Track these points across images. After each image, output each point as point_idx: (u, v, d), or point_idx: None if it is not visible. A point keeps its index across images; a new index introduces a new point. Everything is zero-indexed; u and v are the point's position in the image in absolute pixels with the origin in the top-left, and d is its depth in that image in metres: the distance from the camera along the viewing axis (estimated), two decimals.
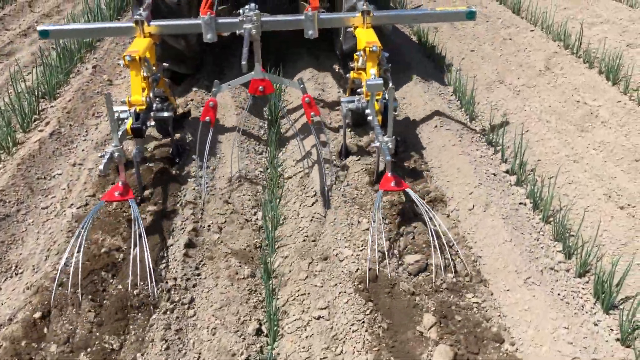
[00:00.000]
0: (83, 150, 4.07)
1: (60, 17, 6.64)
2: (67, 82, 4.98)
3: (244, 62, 3.30)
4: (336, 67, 5.10)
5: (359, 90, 3.63)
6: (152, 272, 2.75)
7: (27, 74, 5.06)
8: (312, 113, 3.53)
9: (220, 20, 3.72)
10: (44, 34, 3.76)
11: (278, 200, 3.56)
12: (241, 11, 3.60)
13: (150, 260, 2.77)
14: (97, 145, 4.08)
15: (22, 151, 3.95)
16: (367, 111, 3.40)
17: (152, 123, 3.56)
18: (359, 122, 3.94)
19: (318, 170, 3.60)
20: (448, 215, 3.35)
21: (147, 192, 3.44)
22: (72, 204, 3.47)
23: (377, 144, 3.20)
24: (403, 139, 4.01)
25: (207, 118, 3.45)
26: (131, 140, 3.47)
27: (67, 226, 3.25)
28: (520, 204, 3.54)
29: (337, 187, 3.56)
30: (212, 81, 3.71)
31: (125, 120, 3.28)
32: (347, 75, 3.86)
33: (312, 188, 3.57)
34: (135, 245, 2.81)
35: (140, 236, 2.78)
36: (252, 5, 3.62)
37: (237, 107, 4.53)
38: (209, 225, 3.28)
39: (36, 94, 4.62)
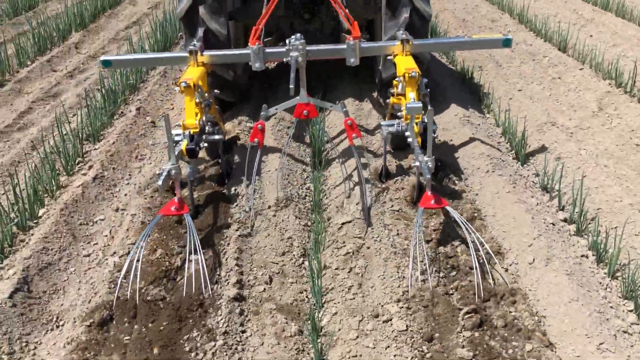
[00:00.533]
0: (126, 194, 4.02)
1: None
2: (111, 124, 5.01)
3: (292, 86, 3.54)
4: (375, 94, 5.20)
5: (399, 114, 3.77)
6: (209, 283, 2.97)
7: (72, 116, 5.10)
8: (353, 135, 3.67)
9: (268, 50, 3.97)
10: (106, 64, 4.11)
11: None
12: (287, 41, 3.84)
13: (206, 272, 3.00)
14: (140, 189, 4.04)
15: (65, 196, 3.93)
16: (407, 133, 3.54)
17: (205, 145, 3.77)
18: (398, 145, 4.13)
19: (360, 190, 3.72)
20: (506, 269, 3.15)
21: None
22: (114, 252, 3.39)
23: (417, 163, 3.32)
24: (453, 181, 3.87)
25: (256, 140, 3.64)
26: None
27: (108, 276, 3.17)
28: (582, 256, 3.31)
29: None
30: (258, 109, 3.93)
31: (179, 143, 3.48)
32: (387, 101, 4.01)
33: (357, 204, 3.65)
34: (189, 259, 3.07)
35: (195, 249, 2.99)
36: (298, 35, 3.87)
37: (277, 131, 4.68)
38: (255, 277, 3.16)
39: (80, 136, 4.64)
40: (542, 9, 7.89)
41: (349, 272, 3.20)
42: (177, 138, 3.51)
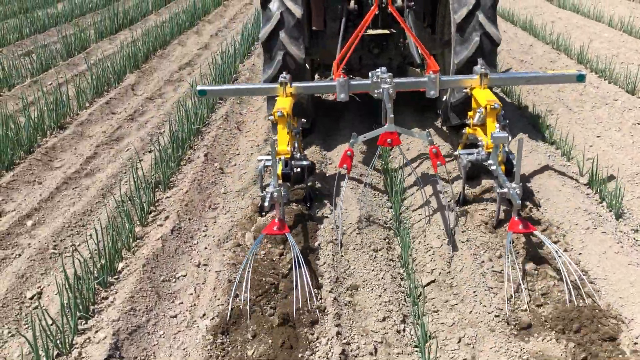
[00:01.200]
0: (205, 248, 3.87)
1: (163, 100, 6.74)
2: (179, 171, 4.90)
3: (390, 116, 3.73)
4: (438, 123, 5.46)
5: (479, 143, 3.98)
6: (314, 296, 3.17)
7: (140, 161, 5.02)
8: (438, 162, 3.75)
9: (353, 82, 4.28)
10: (202, 93, 4.44)
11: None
12: (370, 74, 4.18)
13: (311, 284, 3.18)
14: (220, 242, 3.89)
15: (144, 249, 3.79)
16: (490, 162, 3.74)
17: (299, 170, 3.91)
18: (472, 174, 4.24)
19: (442, 216, 3.91)
20: (635, 343, 2.88)
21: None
22: (204, 315, 3.22)
23: (504, 190, 3.46)
24: (552, 239, 3.63)
25: (345, 166, 3.80)
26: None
27: (202, 342, 2.99)
28: None
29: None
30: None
31: (268, 168, 3.91)
32: (464, 131, 4.35)
33: (443, 234, 3.77)
34: (295, 275, 3.21)
35: (299, 265, 3.18)
36: (384, 68, 4.17)
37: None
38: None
39: (152, 183, 4.53)
40: (601, 49, 7.72)
41: (458, 342, 2.98)
42: (267, 164, 3.90)
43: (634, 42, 8.02)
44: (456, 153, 4.32)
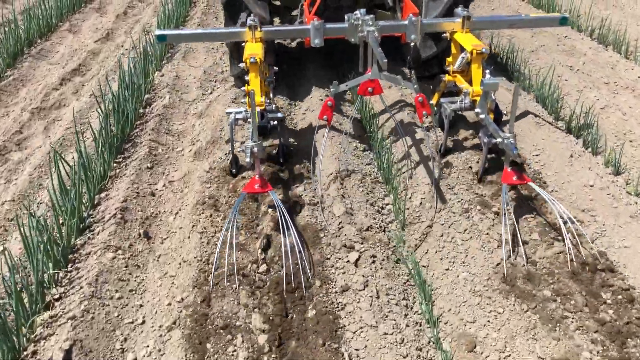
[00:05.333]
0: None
1: (23, 156, 6.02)
2: None
3: (383, 61, 3.32)
4: (406, 71, 5.16)
5: (465, 91, 3.76)
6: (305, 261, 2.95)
7: None
8: (424, 112, 3.54)
9: (329, 26, 3.93)
10: (162, 38, 4.03)
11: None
12: (347, 17, 3.87)
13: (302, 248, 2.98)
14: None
15: None
16: (477, 110, 3.52)
17: (275, 122, 3.60)
18: (450, 123, 3.98)
19: (425, 166, 3.76)
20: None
21: None
22: None
23: (497, 140, 3.27)
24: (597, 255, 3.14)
25: (325, 117, 3.59)
26: None
27: None
28: None
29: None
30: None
31: (241, 120, 3.62)
32: (442, 78, 4.12)
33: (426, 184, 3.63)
34: (282, 233, 2.98)
35: (287, 224, 2.96)
36: (363, 10, 3.85)
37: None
38: None
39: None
40: None
41: None
42: (238, 116, 3.59)
43: None
44: (433, 102, 4.17)
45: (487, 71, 3.67)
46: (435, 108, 4.11)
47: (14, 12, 6.94)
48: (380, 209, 3.61)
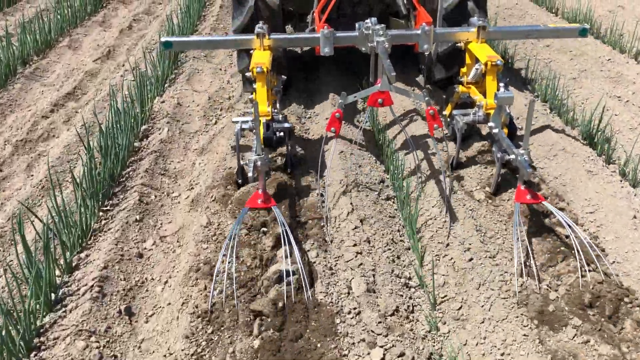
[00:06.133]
0: None
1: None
2: None
3: (392, 74, 3.22)
4: (420, 80, 5.06)
5: (478, 103, 3.65)
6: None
7: None
8: (435, 125, 3.43)
9: (339, 34, 3.82)
10: (167, 45, 3.91)
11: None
12: (358, 25, 3.77)
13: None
14: None
15: None
16: (491, 124, 3.37)
17: (281, 134, 3.46)
18: (463, 135, 3.82)
19: (436, 181, 3.58)
20: None
21: None
22: None
23: (511, 156, 3.13)
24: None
25: (333, 129, 3.45)
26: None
27: None
28: None
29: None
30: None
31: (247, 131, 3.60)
32: (455, 89, 3.90)
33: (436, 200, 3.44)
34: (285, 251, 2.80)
35: (289, 242, 2.79)
36: (374, 19, 3.74)
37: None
38: None
39: None
40: None
41: None
42: (245, 126, 3.45)
43: None
44: (446, 113, 4.00)
45: (502, 84, 3.51)
46: (449, 119, 3.92)
47: (7, 28, 6.47)
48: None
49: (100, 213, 3.57)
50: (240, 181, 3.54)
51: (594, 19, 6.40)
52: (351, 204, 3.35)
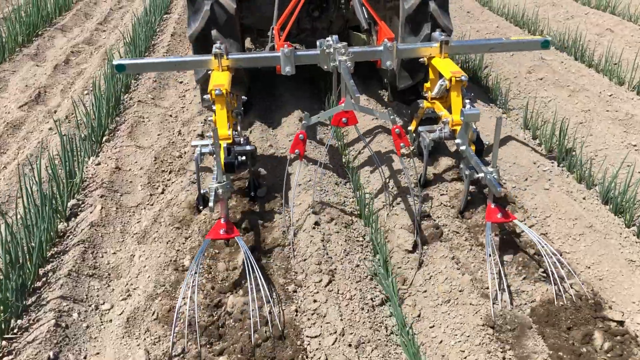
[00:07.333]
0: None
1: None
2: None
3: (356, 95, 3.14)
4: (382, 94, 5.03)
5: (444, 120, 3.61)
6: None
7: None
8: (401, 144, 3.40)
9: (300, 53, 3.76)
10: (121, 68, 3.73)
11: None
12: (319, 43, 3.69)
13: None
14: None
15: None
16: (458, 141, 3.34)
17: (244, 157, 3.30)
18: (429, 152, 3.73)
19: (404, 201, 3.52)
20: None
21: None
22: None
23: (480, 175, 3.10)
24: None
25: (297, 151, 3.39)
26: None
27: None
28: None
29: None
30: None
31: (208, 155, 3.67)
32: (420, 104, 3.87)
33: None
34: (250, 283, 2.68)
35: (254, 273, 2.71)
36: (335, 37, 3.69)
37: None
38: None
39: None
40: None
41: None
42: (204, 150, 3.36)
43: None
44: (411, 129, 3.95)
45: (467, 100, 3.50)
46: (414, 135, 3.89)
47: None
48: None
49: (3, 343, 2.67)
50: (201, 207, 3.45)
51: (585, 45, 5.91)
52: (317, 225, 3.29)
